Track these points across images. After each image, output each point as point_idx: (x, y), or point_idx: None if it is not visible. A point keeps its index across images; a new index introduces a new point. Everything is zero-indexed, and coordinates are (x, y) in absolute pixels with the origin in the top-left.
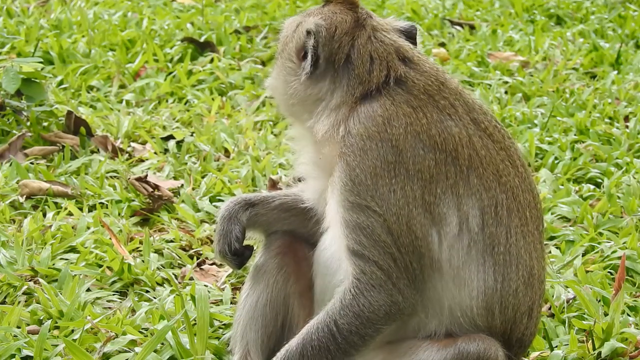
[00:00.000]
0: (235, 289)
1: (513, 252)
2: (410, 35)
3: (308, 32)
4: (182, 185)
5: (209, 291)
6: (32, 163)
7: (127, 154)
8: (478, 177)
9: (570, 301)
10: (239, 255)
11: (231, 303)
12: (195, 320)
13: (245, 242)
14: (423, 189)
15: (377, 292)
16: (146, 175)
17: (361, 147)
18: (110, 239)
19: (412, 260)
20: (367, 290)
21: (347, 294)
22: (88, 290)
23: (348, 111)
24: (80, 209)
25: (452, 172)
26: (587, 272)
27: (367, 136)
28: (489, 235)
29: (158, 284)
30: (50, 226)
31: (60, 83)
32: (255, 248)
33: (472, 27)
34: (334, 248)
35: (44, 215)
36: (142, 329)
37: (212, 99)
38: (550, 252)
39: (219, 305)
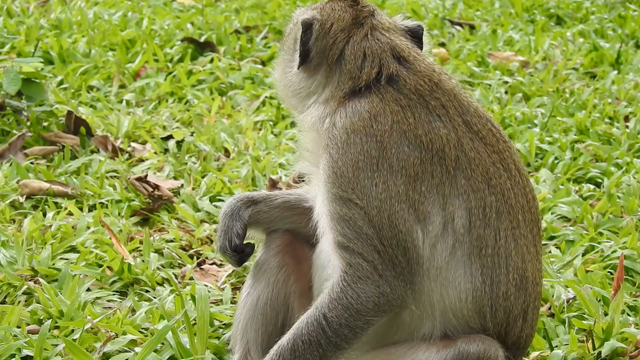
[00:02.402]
0: (235, 288)
1: (502, 254)
2: (416, 35)
3: (301, 25)
4: (182, 185)
5: (209, 291)
6: (32, 163)
7: (127, 154)
8: (466, 179)
9: (570, 301)
10: (239, 252)
11: (231, 303)
12: (195, 320)
13: (246, 241)
14: (407, 186)
15: (364, 284)
16: (146, 175)
17: (344, 140)
18: (110, 238)
19: (397, 254)
20: (355, 282)
21: (335, 287)
22: (88, 290)
23: (336, 105)
24: (80, 209)
25: (438, 171)
26: (587, 272)
27: (352, 130)
28: (477, 237)
29: (158, 283)
30: (50, 226)
31: (60, 83)
32: (256, 247)
33: (472, 27)
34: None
35: (44, 215)
36: (142, 328)
37: (212, 99)
38: (550, 252)
39: (219, 305)
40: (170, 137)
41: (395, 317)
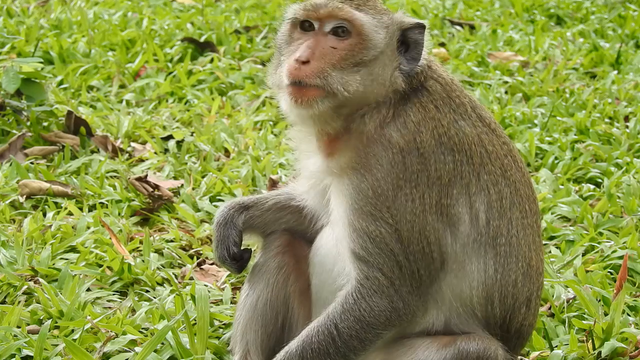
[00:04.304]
0: (235, 288)
1: (514, 243)
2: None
3: (420, 26)
4: (182, 185)
5: (209, 291)
6: (32, 163)
7: (127, 154)
8: (487, 173)
9: (570, 301)
10: (238, 260)
11: (231, 303)
12: (195, 320)
13: (243, 246)
14: (440, 194)
15: (379, 298)
16: (146, 175)
17: (391, 158)
18: (110, 238)
19: (420, 267)
20: (370, 295)
21: (349, 298)
22: (88, 290)
23: (389, 112)
24: (80, 209)
25: (467, 171)
26: (587, 272)
27: (400, 148)
28: (493, 228)
29: (158, 283)
30: (50, 226)
31: (60, 83)
32: (253, 250)
33: (472, 27)
34: (329, 246)
35: (44, 215)
36: (142, 328)
37: (212, 99)
38: (550, 252)
39: (219, 305)
40: (170, 137)
41: None
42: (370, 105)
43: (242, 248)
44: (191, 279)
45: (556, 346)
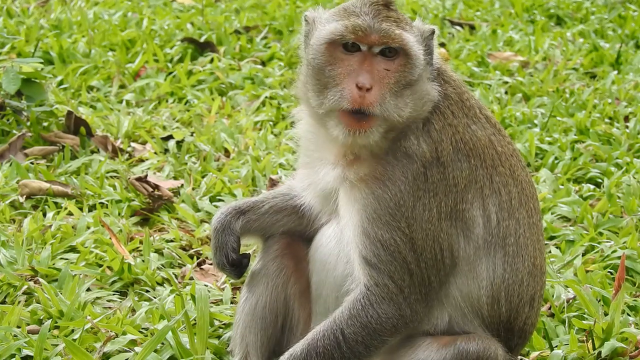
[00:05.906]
0: (235, 288)
1: (521, 243)
2: None
3: (432, 32)
4: (182, 185)
5: (209, 291)
6: (32, 163)
7: (127, 154)
8: (499, 175)
9: (570, 301)
10: (237, 266)
11: (231, 303)
12: (195, 320)
13: (242, 251)
14: (456, 200)
15: (387, 305)
16: (146, 175)
17: (415, 172)
18: (110, 238)
19: (431, 274)
20: (378, 302)
21: (356, 304)
22: (88, 290)
23: (422, 125)
24: (80, 209)
25: (481, 175)
26: (587, 272)
27: (424, 160)
28: (503, 229)
29: (158, 283)
30: (50, 226)
31: (60, 83)
32: (251, 253)
33: (472, 27)
34: (332, 245)
35: (44, 215)
36: (142, 328)
37: (212, 99)
38: (550, 252)
39: (219, 305)
40: (170, 137)
41: None
42: (416, 124)
43: (240, 253)
44: (191, 279)
45: (556, 346)
